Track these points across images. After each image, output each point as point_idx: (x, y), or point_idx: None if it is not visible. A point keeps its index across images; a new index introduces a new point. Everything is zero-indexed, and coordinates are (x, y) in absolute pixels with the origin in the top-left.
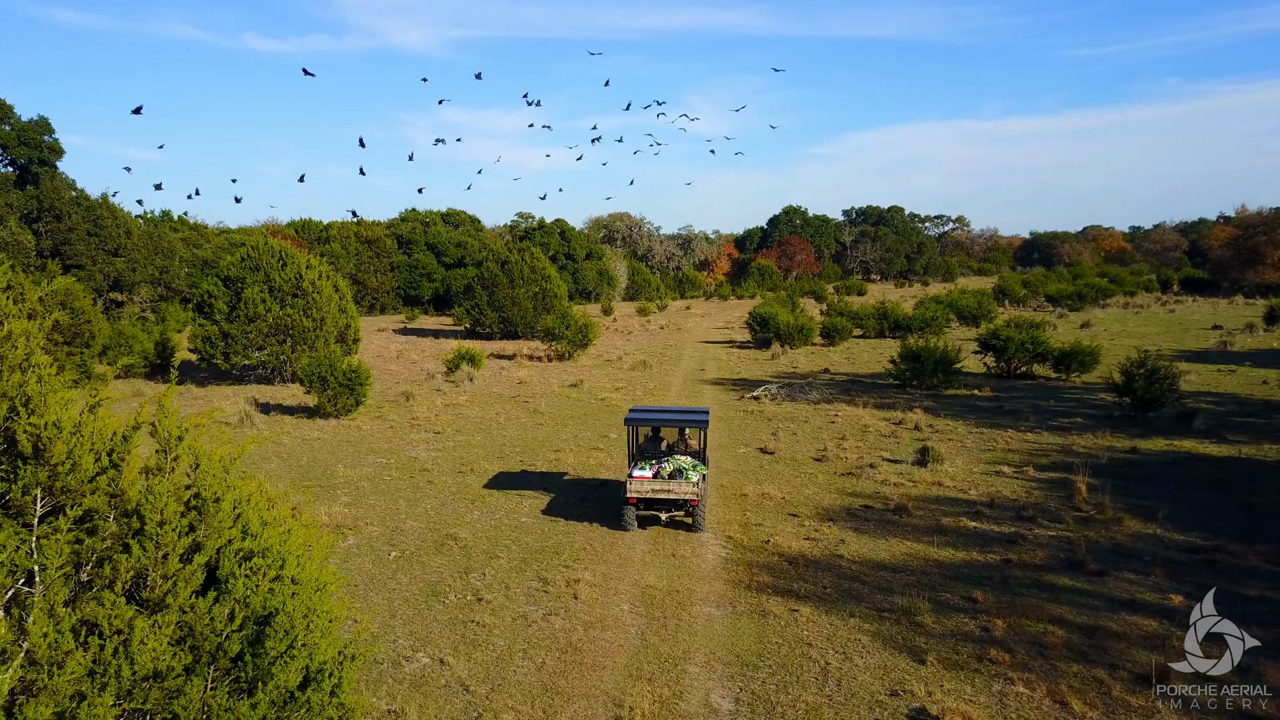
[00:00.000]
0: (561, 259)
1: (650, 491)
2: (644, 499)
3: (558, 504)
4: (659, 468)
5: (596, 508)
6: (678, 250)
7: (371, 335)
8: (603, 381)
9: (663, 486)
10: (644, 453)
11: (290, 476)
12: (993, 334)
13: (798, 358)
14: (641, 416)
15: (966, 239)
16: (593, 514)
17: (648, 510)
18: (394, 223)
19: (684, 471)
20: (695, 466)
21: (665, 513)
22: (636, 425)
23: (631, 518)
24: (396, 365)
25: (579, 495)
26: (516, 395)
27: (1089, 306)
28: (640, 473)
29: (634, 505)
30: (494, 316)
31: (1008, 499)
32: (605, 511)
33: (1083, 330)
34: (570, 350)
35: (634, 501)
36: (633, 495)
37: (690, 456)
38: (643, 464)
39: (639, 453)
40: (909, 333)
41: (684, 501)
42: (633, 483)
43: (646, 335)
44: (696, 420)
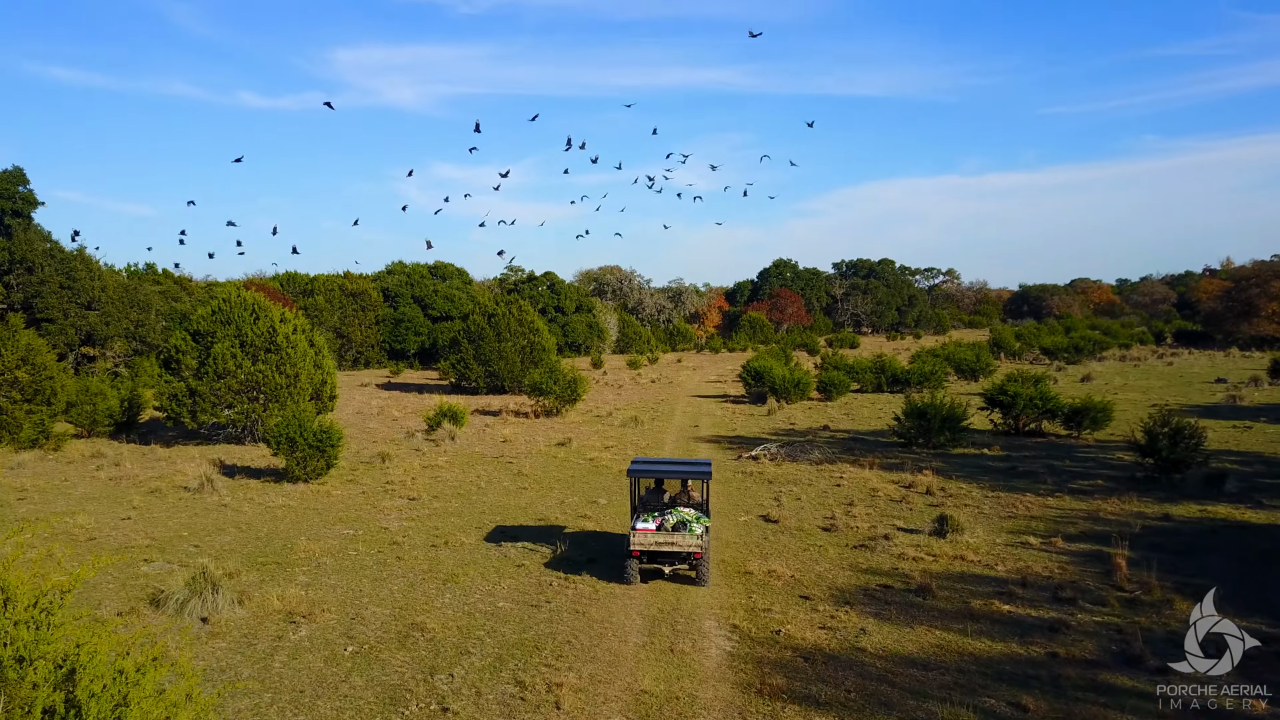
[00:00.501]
0: (551, 312)
1: (654, 544)
2: (647, 552)
3: (540, 585)
4: (662, 520)
5: (583, 589)
6: (668, 303)
7: (354, 390)
8: (592, 439)
9: (666, 539)
10: (646, 505)
11: (245, 551)
12: (999, 389)
13: (795, 413)
14: (644, 468)
15: (956, 291)
16: (579, 597)
17: (651, 563)
18: (380, 275)
19: (688, 524)
20: (699, 519)
21: (669, 566)
22: (639, 477)
23: (634, 571)
24: (376, 423)
25: (564, 572)
26: (500, 455)
27: (1086, 359)
28: (644, 525)
29: (637, 558)
30: (480, 370)
31: (1040, 576)
32: (594, 595)
33: (1084, 384)
34: (558, 406)
35: (637, 554)
36: (636, 548)
37: (693, 508)
38: (646, 516)
39: (641, 505)
40: (907, 387)
41: (688, 554)
42: (636, 535)
43: (637, 389)
44: (699, 472)
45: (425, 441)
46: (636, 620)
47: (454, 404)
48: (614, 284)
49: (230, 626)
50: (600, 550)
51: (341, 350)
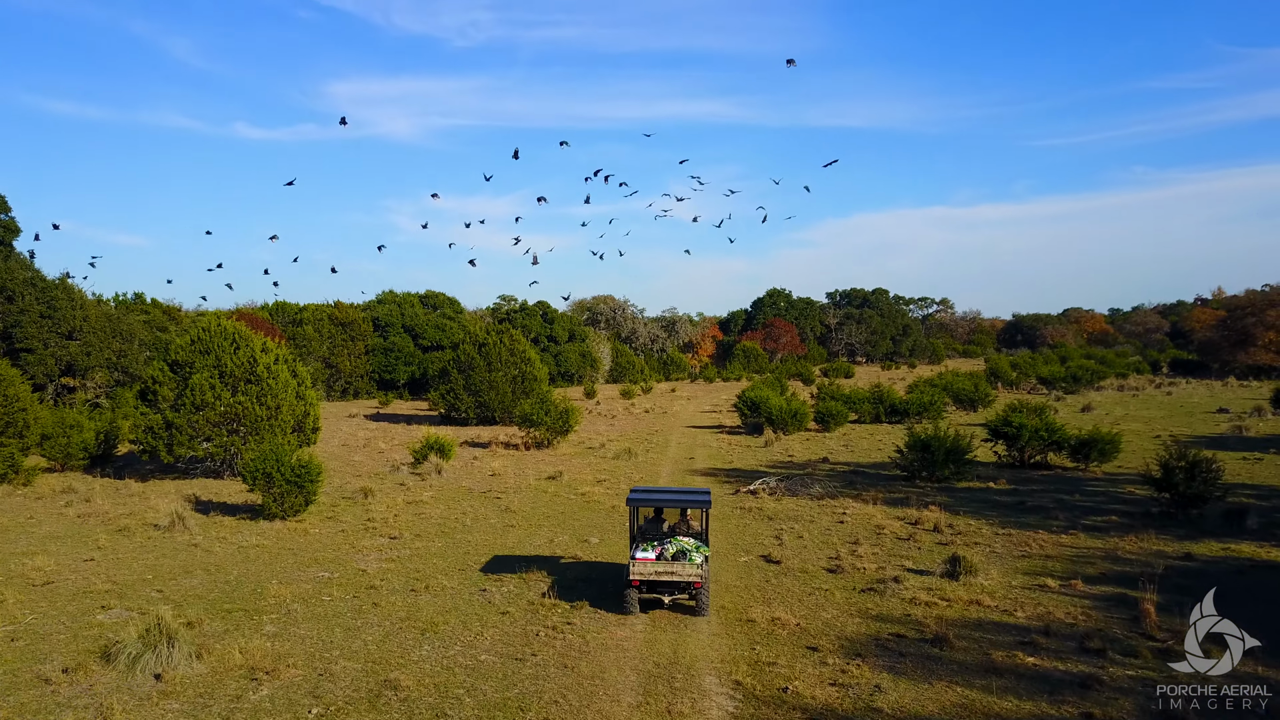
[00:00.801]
0: (544, 341)
1: (654, 574)
2: (647, 581)
3: (526, 634)
4: (662, 549)
5: (572, 640)
6: (662, 332)
7: (341, 422)
8: (584, 472)
9: (666, 568)
10: (646, 534)
11: (211, 596)
12: (1003, 420)
13: (792, 445)
14: (643, 497)
15: (950, 321)
16: (568, 649)
17: (650, 593)
18: (371, 305)
19: (687, 553)
20: (698, 548)
21: (668, 595)
22: (638, 506)
23: (634, 600)
24: (361, 455)
25: (552, 620)
26: (488, 490)
27: (1084, 389)
28: (643, 554)
29: (637, 588)
30: (470, 401)
31: (1063, 623)
32: (584, 647)
33: (1084, 414)
34: (549, 437)
35: (637, 584)
36: (636, 577)
37: (692, 537)
38: (645, 545)
39: (641, 534)
40: (906, 417)
41: (688, 584)
42: (636, 565)
43: (631, 419)
44: (698, 501)
45: (411, 475)
46: (630, 676)
47: (442, 436)
48: (607, 313)
49: (185, 684)
50: (593, 595)
51: (330, 380)
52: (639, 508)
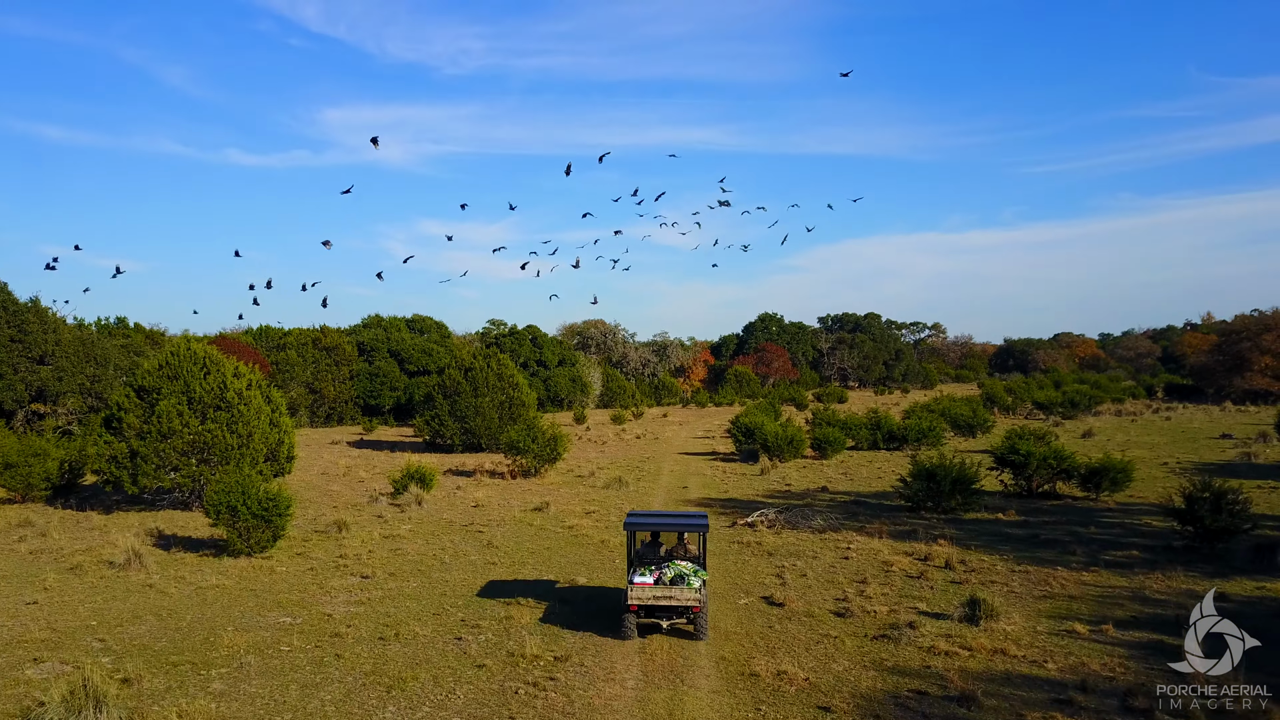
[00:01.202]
0: (533, 366)
1: (652, 598)
2: (645, 606)
3: (503, 692)
4: (660, 573)
5: (555, 699)
6: (653, 357)
7: (323, 449)
8: (571, 503)
9: (664, 593)
10: (643, 559)
11: (158, 646)
12: (1010, 447)
13: (789, 473)
14: (640, 521)
15: (942, 346)
16: (550, 710)
17: (649, 618)
18: (356, 329)
19: (685, 577)
20: (696, 572)
21: (666, 620)
22: (635, 530)
23: (632, 626)
24: (340, 485)
25: (534, 674)
26: (470, 523)
27: (1081, 414)
28: (641, 579)
29: (635, 613)
30: (455, 427)
31: (1100, 676)
32: (568, 708)
33: (1086, 440)
34: (536, 465)
35: (635, 609)
36: (634, 602)
37: (690, 562)
38: (643, 570)
39: (638, 558)
40: (904, 444)
41: (686, 608)
42: (634, 589)
43: (621, 445)
44: (695, 525)
45: (390, 506)
46: None
47: (425, 464)
48: (598, 337)
49: None
50: (577, 645)
51: (314, 406)
52: (636, 532)
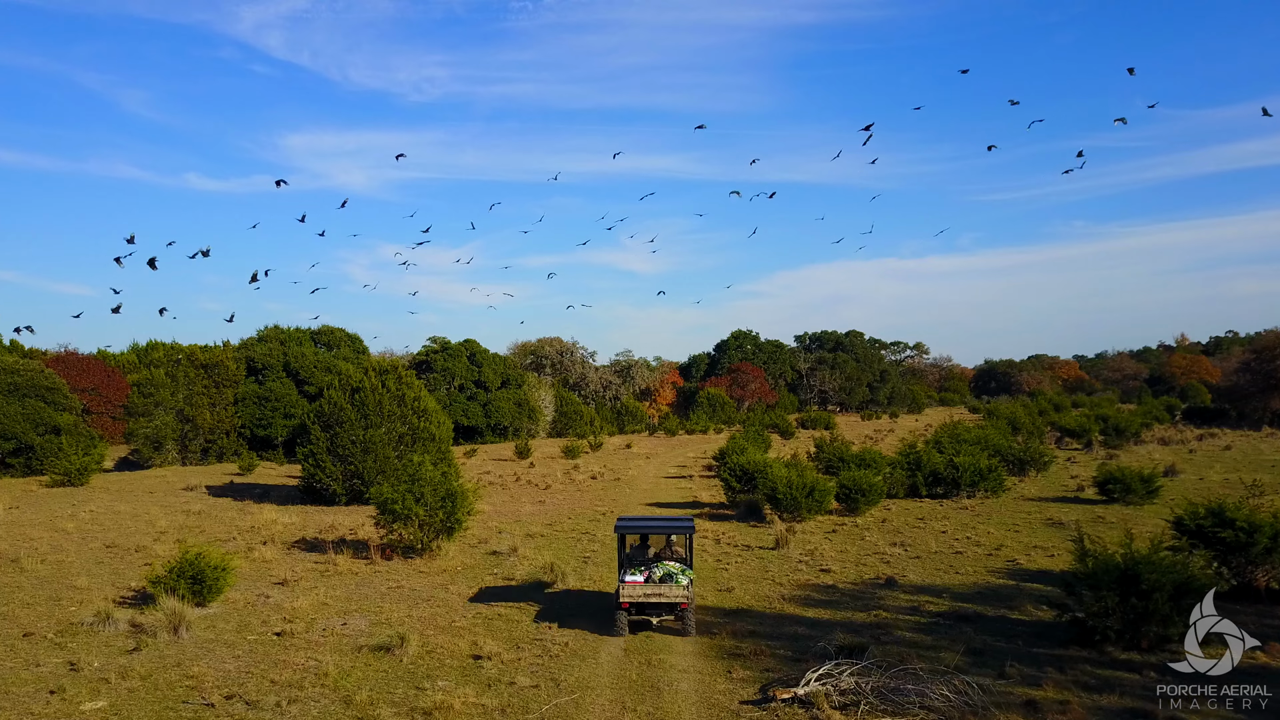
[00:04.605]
0: (470, 388)
1: (642, 596)
2: (636, 604)
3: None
4: (649, 573)
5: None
6: (615, 378)
7: (168, 495)
8: (459, 630)
9: (654, 590)
10: (633, 560)
11: None
12: (1214, 513)
13: (817, 542)
14: (630, 525)
15: (922, 367)
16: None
17: (639, 615)
18: (248, 343)
19: (674, 576)
20: (684, 571)
21: (656, 617)
22: (625, 534)
23: (624, 623)
24: (117, 566)
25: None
26: (236, 691)
27: (1127, 443)
28: (632, 578)
29: (626, 610)
30: (337, 470)
31: None
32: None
33: (1173, 479)
34: (424, 538)
35: (626, 606)
36: (625, 600)
37: (678, 562)
38: (633, 570)
39: (628, 560)
40: (956, 489)
41: (675, 605)
42: (625, 588)
43: (571, 491)
44: (682, 528)
45: (125, 633)
46: None
47: (277, 527)
48: (554, 356)
49: None
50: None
51: (186, 438)
52: (625, 535)
